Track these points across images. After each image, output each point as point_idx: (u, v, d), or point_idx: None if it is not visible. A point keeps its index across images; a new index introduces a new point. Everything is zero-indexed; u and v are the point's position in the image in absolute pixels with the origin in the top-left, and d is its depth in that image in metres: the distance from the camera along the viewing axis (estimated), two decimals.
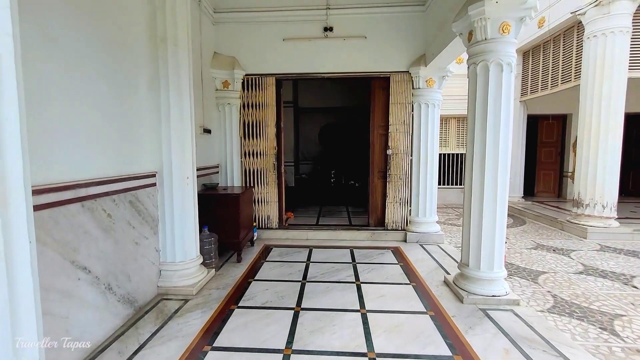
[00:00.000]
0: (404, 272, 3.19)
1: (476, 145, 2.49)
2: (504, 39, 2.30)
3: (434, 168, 4.19)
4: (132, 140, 2.35)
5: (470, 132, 2.55)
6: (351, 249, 3.92)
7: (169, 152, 2.61)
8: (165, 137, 2.60)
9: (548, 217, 5.51)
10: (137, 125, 2.42)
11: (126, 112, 2.29)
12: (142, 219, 2.45)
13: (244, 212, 3.55)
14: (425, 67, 3.96)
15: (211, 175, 4.06)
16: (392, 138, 4.26)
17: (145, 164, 2.50)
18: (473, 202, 2.54)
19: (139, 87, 2.44)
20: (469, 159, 2.58)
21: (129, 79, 2.33)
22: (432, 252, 3.82)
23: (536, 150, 7.62)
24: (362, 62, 4.16)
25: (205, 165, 3.83)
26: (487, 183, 2.46)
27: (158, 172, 2.63)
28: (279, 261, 3.51)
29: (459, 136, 7.60)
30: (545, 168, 7.68)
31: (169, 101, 2.57)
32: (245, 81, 4.27)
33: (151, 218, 2.57)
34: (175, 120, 2.61)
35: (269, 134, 4.34)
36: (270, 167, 4.38)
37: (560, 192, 7.61)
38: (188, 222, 2.74)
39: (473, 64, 2.47)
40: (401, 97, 4.20)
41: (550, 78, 5.88)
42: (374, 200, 4.47)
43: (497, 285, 2.51)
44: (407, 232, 4.26)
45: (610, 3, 4.30)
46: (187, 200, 2.72)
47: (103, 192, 2.02)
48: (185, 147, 2.70)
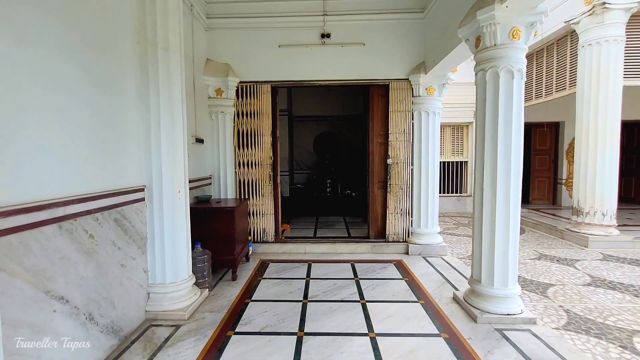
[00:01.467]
0: (410, 288, 3.05)
1: (487, 155, 2.38)
2: (515, 45, 2.21)
3: (435, 177, 4.10)
4: (118, 152, 2.15)
5: (479, 141, 2.45)
6: (352, 263, 3.77)
7: (159, 164, 2.42)
8: (155, 147, 2.41)
9: (547, 225, 5.46)
10: (124, 135, 2.23)
11: (112, 121, 2.10)
12: (129, 237, 2.24)
13: (239, 226, 3.36)
14: (425, 75, 3.89)
15: (204, 187, 3.87)
16: (392, 147, 4.16)
17: (132, 177, 2.31)
18: (484, 214, 2.42)
19: (126, 94, 2.25)
20: (478, 168, 2.47)
21: (115, 85, 2.14)
22: (436, 265, 3.69)
23: (530, 158, 7.65)
24: (361, 69, 4.07)
25: (197, 177, 3.64)
26: (499, 194, 2.35)
27: (147, 185, 2.43)
28: (277, 278, 3.33)
29: (454, 144, 7.59)
30: (540, 175, 7.71)
31: (160, 109, 2.40)
32: (239, 89, 4.13)
33: (139, 236, 2.36)
34: (166, 129, 2.43)
35: (265, 144, 4.19)
36: (266, 178, 4.22)
37: (555, 199, 7.64)
38: (180, 239, 2.54)
39: (482, 71, 2.37)
40: (401, 105, 4.11)
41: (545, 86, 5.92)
42: (374, 211, 4.34)
43: (512, 302, 2.38)
44: (409, 244, 4.14)
45: (604, 12, 4.34)
46: (178, 215, 2.53)
47: (84, 211, 1.81)
48: (177, 158, 2.51)
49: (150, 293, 2.48)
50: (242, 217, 3.59)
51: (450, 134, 7.57)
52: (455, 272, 3.49)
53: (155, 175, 2.43)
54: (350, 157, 7.76)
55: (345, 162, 7.74)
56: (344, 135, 7.80)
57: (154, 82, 2.38)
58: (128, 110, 2.28)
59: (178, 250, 2.53)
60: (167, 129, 2.43)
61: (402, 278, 3.31)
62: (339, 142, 7.78)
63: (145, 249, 2.44)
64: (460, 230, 5.88)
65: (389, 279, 3.27)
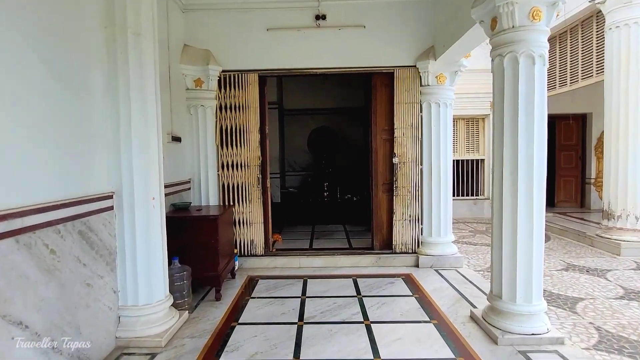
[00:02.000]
0: (421, 306, 3.08)
1: (506, 151, 2.42)
2: (535, 27, 2.26)
3: (447, 178, 4.15)
4: (83, 154, 2.15)
5: (497, 136, 2.49)
6: (354, 279, 3.80)
7: (129, 167, 2.42)
8: (125, 148, 2.41)
9: (574, 231, 5.55)
10: (90, 135, 2.23)
11: (75, 119, 2.10)
12: (96, 252, 2.23)
13: (223, 238, 3.37)
14: (434, 61, 3.95)
15: (181, 193, 3.87)
16: (399, 144, 4.20)
17: (99, 183, 2.30)
18: (504, 219, 2.45)
19: (92, 87, 2.25)
20: (497, 167, 2.51)
21: (79, 77, 2.14)
22: (450, 279, 3.73)
23: (554, 155, 7.75)
24: (361, 55, 4.11)
25: (174, 181, 3.64)
26: (521, 196, 2.38)
27: (116, 192, 2.43)
28: (268, 297, 3.34)
29: (468, 140, 7.68)
30: (566, 174, 7.82)
31: (130, 104, 2.40)
32: (222, 79, 4.14)
33: (107, 251, 2.35)
34: (137, 127, 2.43)
35: (252, 142, 4.21)
36: (254, 181, 4.23)
37: (583, 201, 7.75)
38: (154, 253, 2.54)
39: (498, 56, 2.42)
40: (407, 96, 4.16)
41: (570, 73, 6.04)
42: (378, 218, 4.37)
43: (537, 320, 2.41)
44: (419, 256, 4.17)
45: None
46: (153, 226, 2.53)
47: (44, 222, 1.80)
48: (151, 160, 2.52)
49: (121, 317, 2.46)
50: (226, 227, 3.58)
51: (464, 128, 7.66)
52: (473, 286, 3.53)
53: (126, 179, 2.43)
54: (351, 156, 7.79)
55: (344, 161, 7.77)
56: (342, 131, 7.84)
57: (123, 73, 2.38)
58: (95, 106, 2.28)
59: (153, 266, 2.52)
60: (139, 127, 2.43)
61: (412, 294, 3.33)
62: (337, 139, 7.81)
63: (114, 266, 2.43)
64: (477, 238, 5.94)
65: (397, 296, 3.30)
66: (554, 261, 4.46)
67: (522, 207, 2.38)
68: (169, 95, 3.54)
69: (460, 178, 7.68)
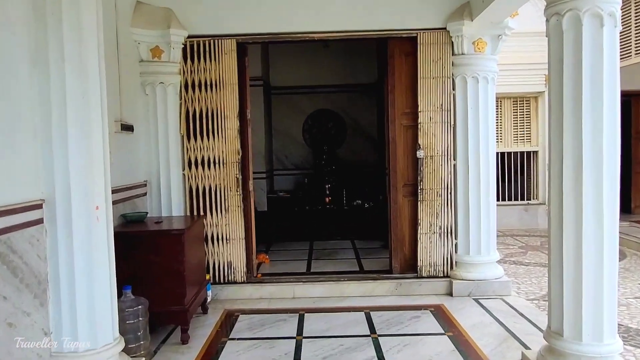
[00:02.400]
0: (456, 347, 3.10)
1: (566, 141, 2.42)
2: None
3: (490, 178, 4.16)
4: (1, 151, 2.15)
5: (555, 121, 2.49)
6: (367, 312, 3.82)
7: (65, 167, 2.42)
8: (59, 141, 2.40)
9: None
10: (10, 124, 2.22)
11: None
12: (20, 281, 2.23)
13: (191, 260, 3.38)
14: (471, 22, 3.95)
15: (135, 200, 3.89)
16: (424, 132, 4.22)
17: (24, 188, 2.30)
18: (565, 231, 2.46)
19: (12, 58, 2.26)
20: (555, 162, 2.52)
21: None
22: (495, 312, 3.75)
23: (630, 145, 7.75)
24: (373, 14, 4.13)
25: (125, 184, 3.65)
26: (587, 200, 2.38)
27: (47, 200, 2.42)
28: (252, 338, 3.38)
29: (516, 126, 7.69)
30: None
31: (65, 80, 2.39)
32: (187, 47, 4.16)
33: (36, 279, 2.35)
34: (75, 112, 2.42)
35: (229, 130, 4.23)
36: (232, 184, 4.25)
37: None
38: (99, 281, 2.53)
39: (555, 15, 2.42)
40: (435, 69, 4.17)
41: None
42: (398, 231, 4.39)
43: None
44: (452, 281, 4.19)
45: None
46: (97, 244, 2.52)
47: None
48: (93, 156, 2.52)
49: None
50: (195, 245, 3.59)
51: (512, 110, 7.68)
52: (524, 320, 3.55)
53: (60, 183, 2.42)
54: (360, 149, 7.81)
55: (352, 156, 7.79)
56: (349, 115, 7.85)
57: (55, 40, 2.37)
58: (17, 84, 2.27)
59: (97, 299, 2.52)
60: (77, 112, 2.42)
61: (444, 332, 3.35)
62: (341, 126, 7.83)
63: (45, 299, 2.42)
64: (529, 256, 5.95)
65: (424, 335, 3.32)
66: (631, 286, 4.50)
67: (588, 215, 2.38)
68: (117, 69, 3.55)
69: (507, 177, 7.69)
